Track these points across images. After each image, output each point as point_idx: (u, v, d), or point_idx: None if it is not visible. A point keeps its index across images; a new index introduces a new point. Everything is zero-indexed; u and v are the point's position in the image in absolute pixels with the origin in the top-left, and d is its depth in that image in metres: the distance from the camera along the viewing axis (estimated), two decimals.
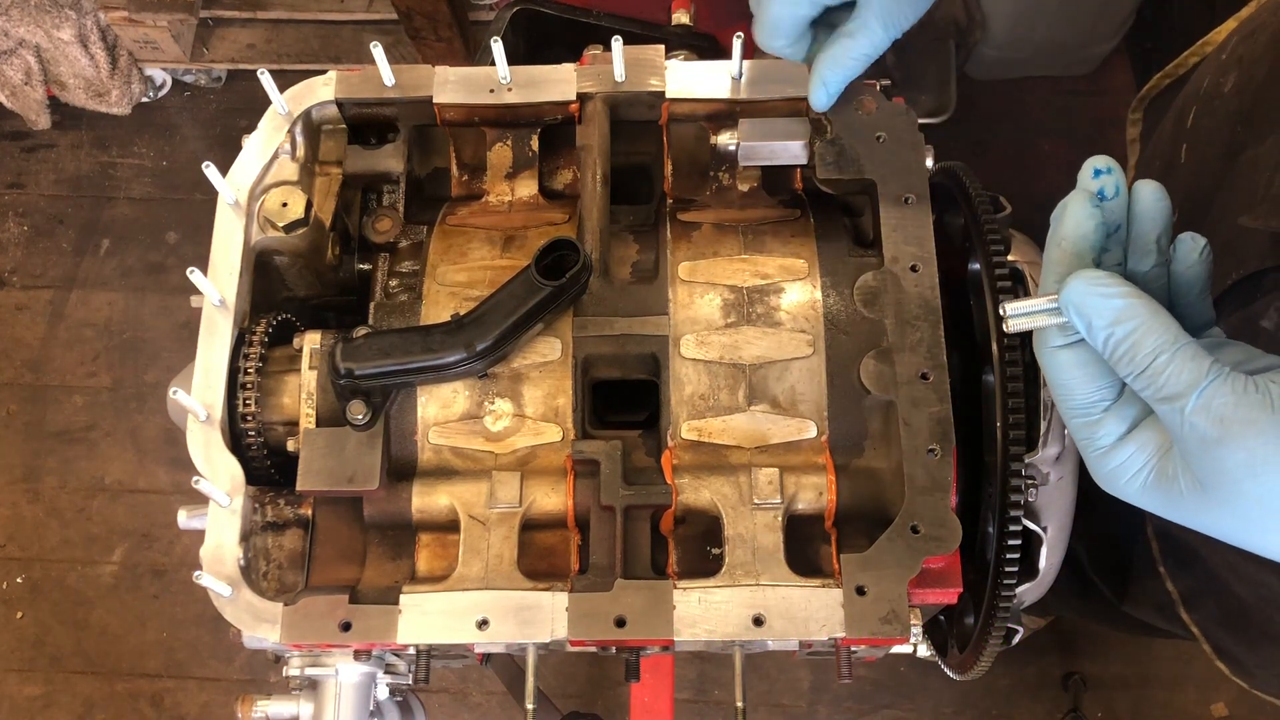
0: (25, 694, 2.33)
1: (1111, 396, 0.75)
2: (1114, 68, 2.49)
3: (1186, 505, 0.73)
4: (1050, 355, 0.77)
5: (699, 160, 1.17)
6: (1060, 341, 0.76)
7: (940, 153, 1.09)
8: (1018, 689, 2.24)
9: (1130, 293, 0.71)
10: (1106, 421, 0.75)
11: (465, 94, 1.12)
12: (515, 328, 0.99)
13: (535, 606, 0.96)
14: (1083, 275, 0.72)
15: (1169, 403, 0.70)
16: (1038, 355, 0.78)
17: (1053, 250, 0.76)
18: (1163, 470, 0.73)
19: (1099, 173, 0.75)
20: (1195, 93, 1.20)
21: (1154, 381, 0.70)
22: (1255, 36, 1.10)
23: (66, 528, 2.44)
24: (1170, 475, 0.73)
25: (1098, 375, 0.75)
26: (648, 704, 1.73)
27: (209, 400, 1.02)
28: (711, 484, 1.00)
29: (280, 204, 1.08)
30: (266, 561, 1.03)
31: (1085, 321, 0.72)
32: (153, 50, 2.56)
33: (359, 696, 1.14)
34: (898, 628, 0.93)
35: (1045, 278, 0.77)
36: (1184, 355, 0.70)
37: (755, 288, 1.06)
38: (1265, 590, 1.12)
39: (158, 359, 2.54)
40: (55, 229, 2.68)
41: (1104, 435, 0.75)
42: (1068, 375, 0.76)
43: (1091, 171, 0.76)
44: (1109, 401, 0.75)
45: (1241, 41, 1.13)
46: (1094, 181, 0.76)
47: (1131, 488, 0.75)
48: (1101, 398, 0.75)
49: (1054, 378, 0.77)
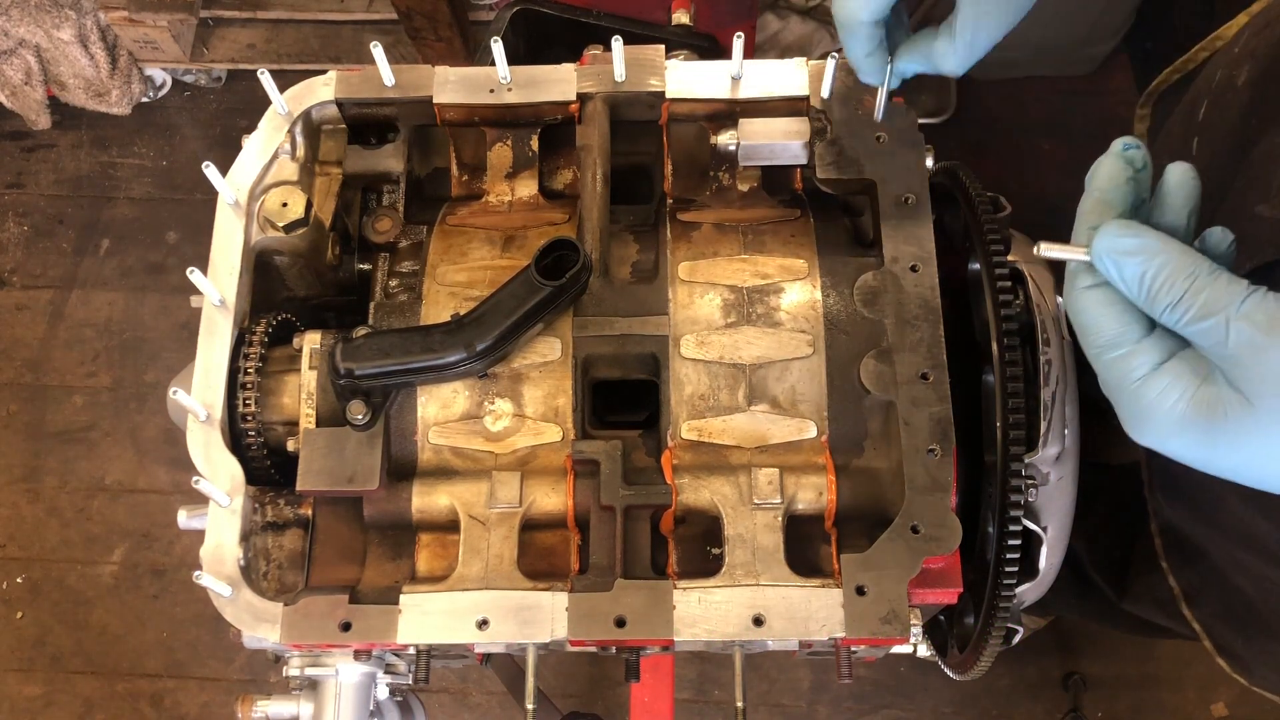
0: (25, 694, 2.33)
1: (1141, 331, 0.75)
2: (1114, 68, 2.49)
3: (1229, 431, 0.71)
4: (1080, 295, 0.76)
5: (699, 160, 1.17)
6: (1089, 281, 0.76)
7: (940, 153, 1.09)
8: (1018, 689, 2.24)
9: (1160, 234, 0.72)
10: (1140, 353, 0.74)
11: (465, 94, 1.12)
12: (515, 328, 0.99)
13: (535, 606, 0.96)
14: (1115, 221, 0.73)
15: (1211, 318, 0.69)
16: (1066, 301, 0.78)
17: (1085, 202, 0.77)
18: (1202, 397, 0.72)
19: (1128, 147, 0.77)
20: (1207, 86, 1.20)
21: (1194, 303, 0.70)
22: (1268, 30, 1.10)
23: (66, 528, 2.44)
24: (1211, 401, 0.71)
25: (1126, 312, 0.75)
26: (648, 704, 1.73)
27: (209, 400, 1.02)
28: (711, 484, 1.00)
29: (280, 204, 1.08)
30: (266, 561, 1.03)
31: (1117, 265, 0.72)
32: (153, 50, 2.56)
33: (359, 696, 1.14)
34: (898, 628, 0.93)
35: (1077, 228, 0.77)
36: (1221, 277, 0.70)
37: (755, 288, 1.06)
38: (1269, 584, 1.12)
39: (158, 359, 2.54)
40: (55, 229, 2.68)
41: (1139, 366, 0.74)
42: (1097, 313, 0.75)
43: (1121, 145, 0.77)
44: (1140, 335, 0.75)
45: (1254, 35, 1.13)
46: (1125, 153, 0.77)
47: (1169, 420, 0.73)
48: (1132, 331, 0.75)
49: (1083, 318, 0.77)
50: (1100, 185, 0.77)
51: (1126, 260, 0.72)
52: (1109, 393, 0.77)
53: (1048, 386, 1.08)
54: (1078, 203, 0.78)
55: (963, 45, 0.94)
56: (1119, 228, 0.73)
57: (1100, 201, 0.76)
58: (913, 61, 0.98)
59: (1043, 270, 1.22)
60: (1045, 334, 1.08)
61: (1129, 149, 0.76)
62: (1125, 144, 0.77)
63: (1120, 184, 0.76)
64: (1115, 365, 0.75)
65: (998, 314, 1.01)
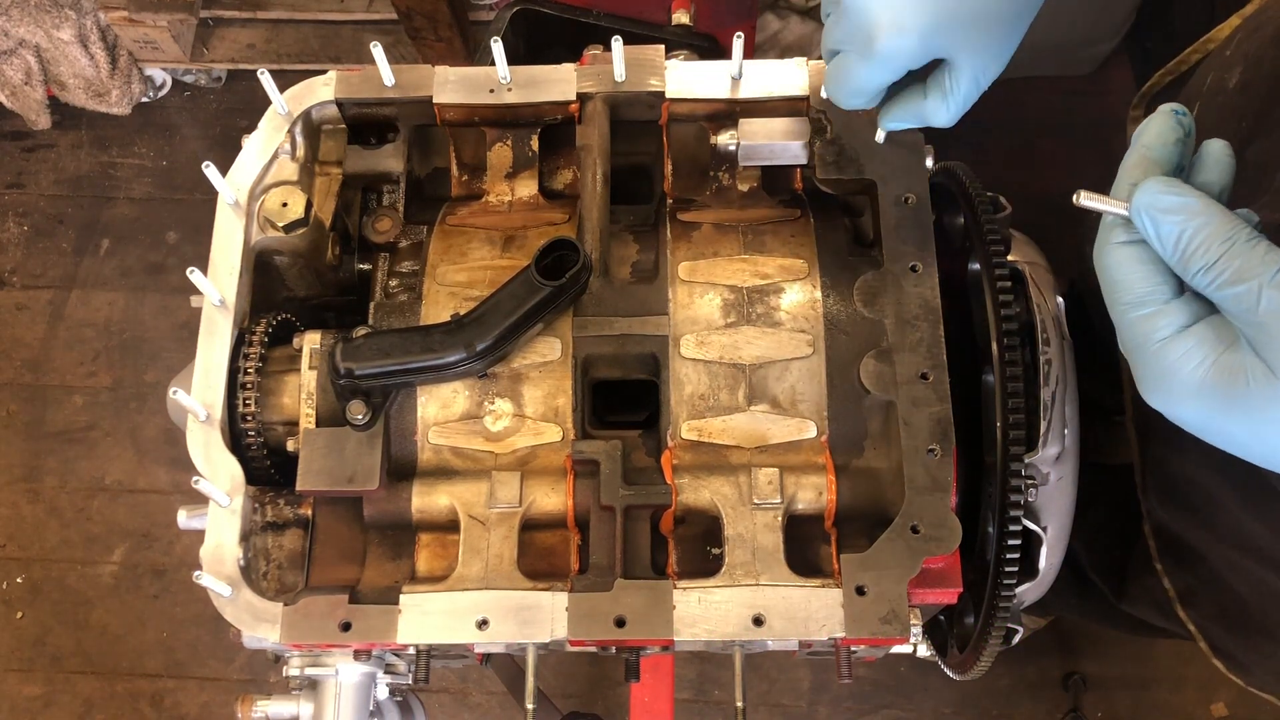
0: (25, 694, 2.33)
1: (1170, 293, 0.74)
2: (1114, 68, 2.49)
3: (1248, 400, 0.70)
4: (1112, 251, 0.76)
5: (699, 160, 1.17)
6: (1124, 238, 0.75)
7: (940, 153, 1.09)
8: (1018, 689, 2.24)
9: (1202, 195, 0.72)
10: (1166, 314, 0.74)
11: (465, 94, 1.12)
12: (515, 328, 0.99)
13: (535, 606, 0.96)
14: (1158, 178, 0.73)
15: (1244, 283, 0.69)
16: (1097, 257, 0.77)
17: (1130, 158, 0.76)
18: (1225, 364, 0.71)
19: (1180, 111, 0.76)
20: (1199, 89, 1.20)
21: (1228, 267, 0.69)
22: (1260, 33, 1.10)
23: (66, 528, 2.44)
24: (1234, 368, 0.71)
25: (1157, 272, 0.74)
26: (648, 704, 1.73)
27: (209, 400, 1.02)
28: (711, 484, 1.00)
29: (280, 204, 1.08)
30: (266, 561, 1.03)
31: (1155, 222, 0.72)
32: (153, 50, 2.56)
33: (359, 696, 1.14)
34: (898, 628, 0.93)
35: (1118, 183, 0.76)
36: (1260, 245, 0.70)
37: (755, 288, 1.06)
38: (1265, 587, 1.12)
39: (158, 359, 2.54)
40: (55, 229, 2.67)
41: (1164, 326, 0.73)
42: (1128, 270, 0.75)
43: (1172, 108, 0.77)
44: (1168, 296, 0.74)
45: (1246, 38, 1.13)
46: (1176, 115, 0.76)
47: (1188, 384, 0.72)
48: (1161, 292, 0.74)
49: (1113, 274, 0.76)
50: (1148, 142, 0.76)
51: (1165, 218, 0.71)
52: (1128, 352, 0.76)
53: (1048, 386, 1.08)
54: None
55: (956, 103, 0.92)
56: (1162, 184, 0.72)
57: (1145, 158, 0.75)
58: (901, 120, 0.96)
59: (1043, 270, 1.22)
60: (1045, 334, 1.08)
61: (1180, 113, 0.76)
62: (1176, 108, 0.76)
63: (1169, 143, 0.75)
64: (1139, 324, 0.74)
65: (998, 314, 1.01)
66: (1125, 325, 0.76)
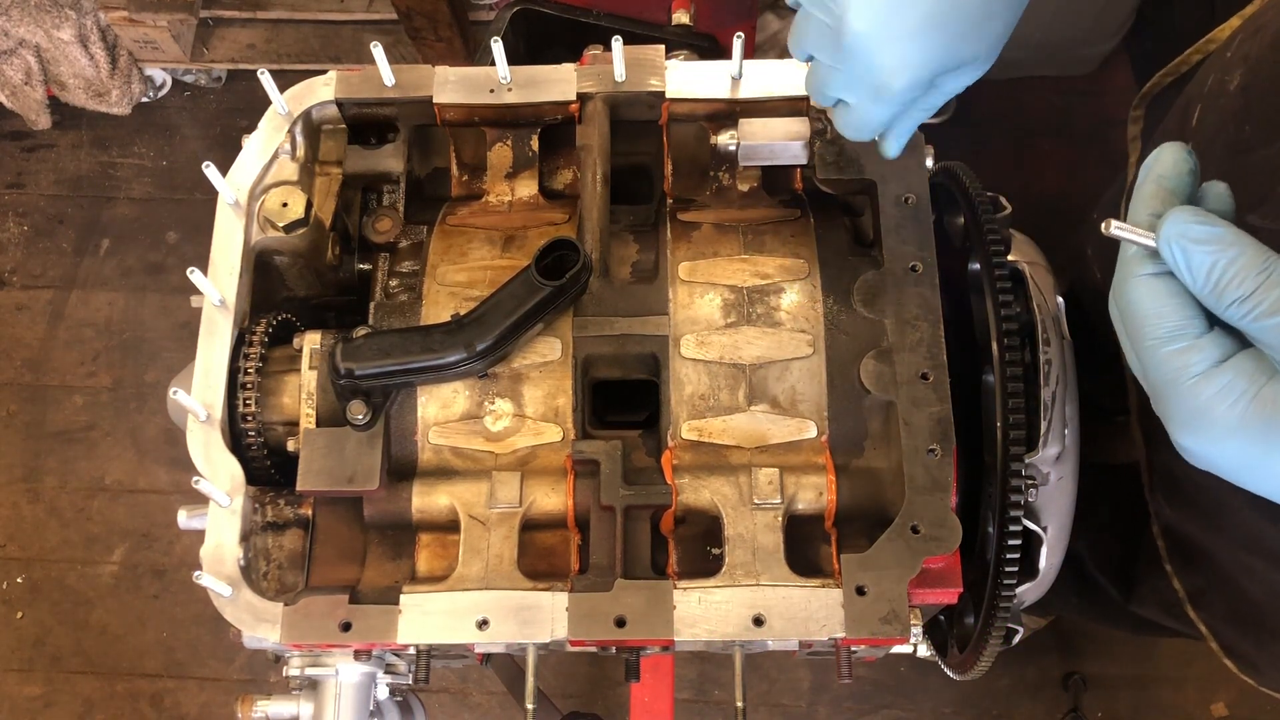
0: (25, 694, 2.33)
1: (1202, 327, 0.71)
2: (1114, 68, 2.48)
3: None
4: (1138, 284, 0.73)
5: (699, 160, 1.17)
6: (1150, 270, 0.73)
7: (940, 153, 1.09)
8: (1018, 689, 2.24)
9: (1230, 225, 0.69)
10: (1200, 347, 0.71)
11: (465, 94, 1.12)
12: (515, 328, 0.99)
13: (535, 606, 0.96)
14: (1185, 208, 0.70)
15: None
16: (1118, 292, 0.75)
17: (1147, 185, 0.74)
18: (1266, 397, 0.68)
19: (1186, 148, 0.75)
20: (1200, 91, 1.19)
21: (1267, 297, 0.67)
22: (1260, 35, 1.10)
23: (66, 528, 2.44)
24: (1275, 401, 0.68)
25: (1187, 304, 0.72)
26: (648, 704, 1.73)
27: (209, 400, 1.02)
28: (711, 484, 1.00)
29: (280, 204, 1.08)
30: (266, 561, 1.03)
31: (1185, 253, 0.69)
32: (153, 50, 2.56)
33: (359, 696, 1.14)
34: (898, 628, 0.93)
35: (1134, 212, 0.74)
36: None
37: (755, 288, 1.06)
38: (1276, 589, 1.12)
39: (158, 359, 2.54)
40: (55, 229, 2.68)
41: (1198, 362, 0.70)
42: (1158, 303, 0.72)
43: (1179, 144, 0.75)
44: (1200, 330, 0.71)
45: (1247, 39, 1.13)
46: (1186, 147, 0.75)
47: (1227, 421, 0.69)
48: (1193, 326, 0.71)
49: (1140, 308, 0.73)
50: (1162, 172, 0.74)
51: (1196, 249, 0.69)
52: (1156, 389, 0.73)
53: (1048, 386, 1.08)
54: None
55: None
56: (1190, 214, 0.70)
57: (1162, 188, 0.73)
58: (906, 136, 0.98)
59: (1043, 270, 1.22)
60: (1045, 334, 1.08)
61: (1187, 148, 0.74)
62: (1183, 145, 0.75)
63: (1183, 173, 0.74)
64: (1171, 360, 0.71)
65: (998, 314, 1.01)
66: (1156, 362, 0.72)
